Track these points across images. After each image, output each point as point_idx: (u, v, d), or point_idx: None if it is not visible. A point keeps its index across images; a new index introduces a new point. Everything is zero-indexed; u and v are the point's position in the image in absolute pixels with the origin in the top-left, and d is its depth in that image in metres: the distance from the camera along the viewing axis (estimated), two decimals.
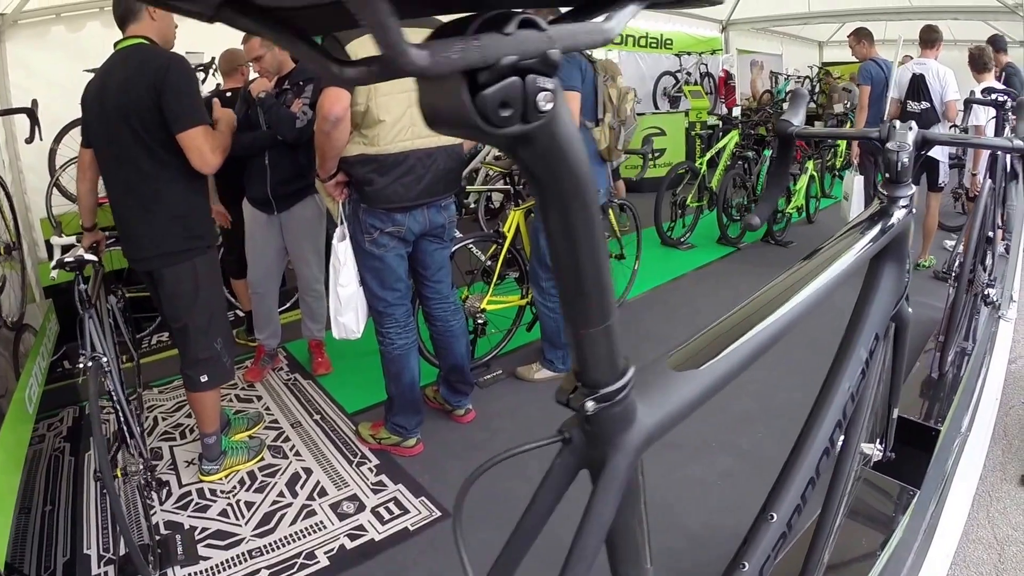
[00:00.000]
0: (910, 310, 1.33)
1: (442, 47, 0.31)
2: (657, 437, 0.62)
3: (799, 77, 9.48)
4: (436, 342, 2.62)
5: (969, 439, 2.60)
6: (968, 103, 4.08)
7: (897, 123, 1.17)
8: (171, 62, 2.02)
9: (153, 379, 3.15)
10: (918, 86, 4.44)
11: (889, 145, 1.13)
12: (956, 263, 2.92)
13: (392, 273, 2.31)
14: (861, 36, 5.04)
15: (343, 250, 2.28)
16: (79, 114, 2.17)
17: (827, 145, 7.13)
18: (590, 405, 0.55)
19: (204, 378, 2.22)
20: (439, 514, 2.15)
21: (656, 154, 7.08)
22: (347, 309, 2.32)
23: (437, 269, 2.48)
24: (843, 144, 6.84)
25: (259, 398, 2.98)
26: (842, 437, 1.17)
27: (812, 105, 8.69)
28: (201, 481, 2.35)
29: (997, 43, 4.97)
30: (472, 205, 5.56)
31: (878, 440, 1.54)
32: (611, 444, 0.59)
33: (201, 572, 1.95)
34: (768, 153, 5.72)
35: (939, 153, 4.45)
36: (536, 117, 0.36)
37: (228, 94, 3.13)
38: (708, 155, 5.52)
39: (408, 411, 2.45)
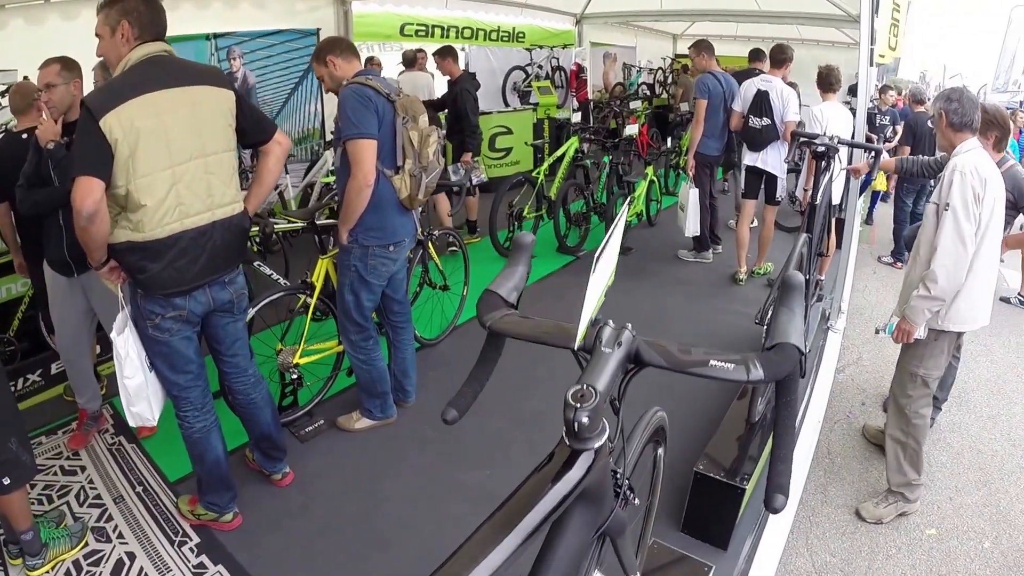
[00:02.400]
0: (634, 501, 1.16)
1: None
2: None
3: (651, 69, 9.85)
4: (240, 415, 2.58)
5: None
6: (795, 135, 4.06)
7: (607, 333, 0.88)
8: None
9: None
10: (761, 103, 4.63)
11: (568, 396, 0.80)
12: (769, 313, 2.92)
13: (181, 356, 2.23)
14: (701, 48, 5.16)
15: (123, 343, 2.16)
16: None
17: (668, 150, 7.60)
18: None
19: (6, 481, 2.17)
20: None
21: (503, 153, 7.28)
22: (138, 400, 2.24)
23: (232, 343, 2.41)
24: (684, 144, 7.17)
25: (83, 468, 2.93)
26: None
27: (664, 96, 9.13)
28: None
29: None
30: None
31: None
32: None
33: None
34: (608, 159, 5.93)
35: (777, 169, 4.74)
36: None
37: (24, 136, 2.80)
38: (546, 163, 5.67)
39: (218, 489, 2.44)
